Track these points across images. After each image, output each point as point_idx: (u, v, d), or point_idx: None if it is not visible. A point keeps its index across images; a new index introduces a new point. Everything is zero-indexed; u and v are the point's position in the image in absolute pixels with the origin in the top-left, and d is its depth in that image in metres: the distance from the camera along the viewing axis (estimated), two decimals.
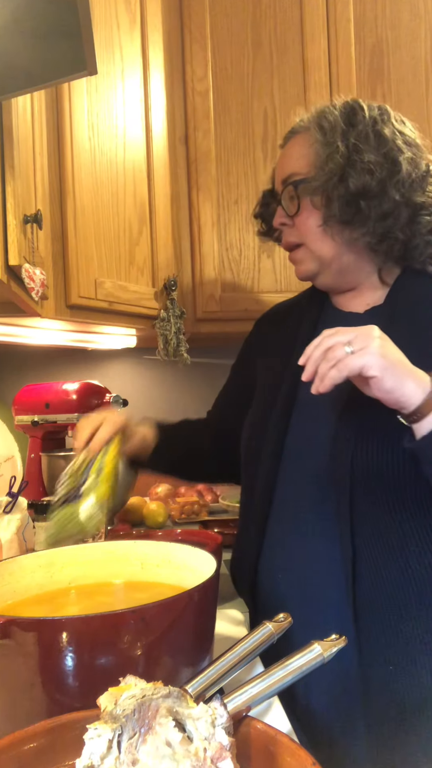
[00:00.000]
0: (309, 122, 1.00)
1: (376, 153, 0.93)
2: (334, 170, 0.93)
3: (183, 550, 0.82)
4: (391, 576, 0.85)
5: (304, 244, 1.00)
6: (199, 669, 0.60)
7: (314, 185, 0.95)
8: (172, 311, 1.57)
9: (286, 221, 1.02)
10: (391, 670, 0.84)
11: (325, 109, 0.99)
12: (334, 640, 0.55)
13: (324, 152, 0.95)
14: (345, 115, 0.97)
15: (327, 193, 0.94)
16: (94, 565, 0.85)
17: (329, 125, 0.96)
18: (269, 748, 0.48)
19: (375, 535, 0.86)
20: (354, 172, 0.92)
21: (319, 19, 1.72)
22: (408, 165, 0.94)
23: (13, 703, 0.60)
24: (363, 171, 0.92)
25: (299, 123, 1.03)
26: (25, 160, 1.02)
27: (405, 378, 0.76)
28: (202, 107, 1.71)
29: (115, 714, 0.45)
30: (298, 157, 1.00)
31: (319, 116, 0.99)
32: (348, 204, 0.93)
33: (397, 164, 0.93)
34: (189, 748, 0.44)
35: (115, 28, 1.44)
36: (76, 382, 1.56)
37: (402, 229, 0.94)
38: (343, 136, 0.95)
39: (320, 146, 0.96)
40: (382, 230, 0.94)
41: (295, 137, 1.03)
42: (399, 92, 1.73)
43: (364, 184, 0.92)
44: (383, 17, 1.73)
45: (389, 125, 0.96)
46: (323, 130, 0.97)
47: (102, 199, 1.38)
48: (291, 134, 1.05)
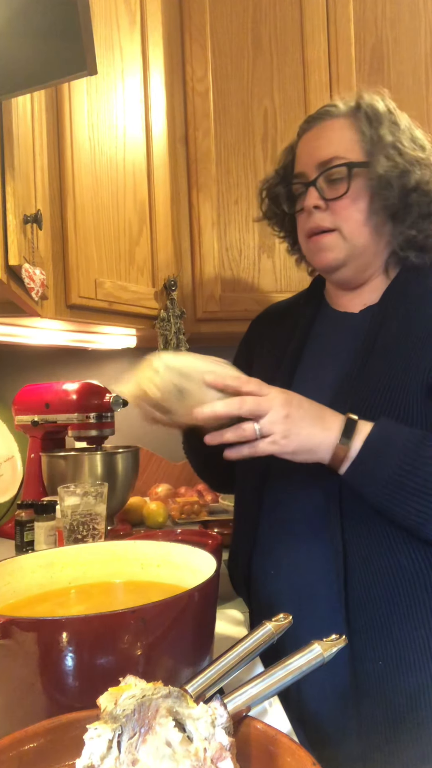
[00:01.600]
0: (349, 109, 0.99)
1: (422, 152, 0.96)
2: (399, 162, 0.94)
3: (183, 550, 0.82)
4: (381, 573, 0.85)
5: (339, 229, 0.97)
6: (199, 669, 0.60)
7: (376, 172, 0.94)
8: (172, 311, 1.57)
9: (321, 204, 0.97)
10: (381, 666, 0.85)
11: (369, 98, 0.99)
12: (334, 640, 0.55)
13: (382, 141, 0.95)
14: (387, 110, 0.98)
15: (390, 182, 0.94)
16: (94, 565, 0.85)
17: (376, 115, 0.97)
18: (269, 748, 0.48)
19: (364, 532, 0.86)
20: (414, 168, 0.94)
21: (319, 19, 1.72)
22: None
23: (13, 703, 0.60)
24: (418, 167, 0.94)
25: (335, 108, 1.00)
26: (25, 160, 1.02)
27: (311, 453, 0.81)
28: (202, 107, 1.71)
29: (115, 714, 0.45)
30: (341, 140, 0.97)
31: (365, 105, 0.98)
32: (404, 196, 0.94)
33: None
34: (189, 748, 0.44)
35: (115, 28, 1.44)
36: (76, 382, 1.56)
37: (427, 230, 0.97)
38: (392, 129, 0.96)
39: (375, 134, 0.95)
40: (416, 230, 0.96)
41: (332, 121, 0.99)
42: (399, 92, 1.73)
43: (421, 181, 0.94)
44: (383, 17, 1.73)
45: (417, 129, 1.00)
46: (370, 120, 0.97)
47: (102, 199, 1.38)
48: (325, 117, 1.01)
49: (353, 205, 0.96)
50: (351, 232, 0.97)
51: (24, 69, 0.78)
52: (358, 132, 0.97)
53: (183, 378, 0.80)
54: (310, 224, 0.99)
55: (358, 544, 0.86)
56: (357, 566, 0.86)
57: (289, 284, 1.71)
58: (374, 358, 0.91)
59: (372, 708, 0.85)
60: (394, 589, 0.85)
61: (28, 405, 1.59)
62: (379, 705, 0.84)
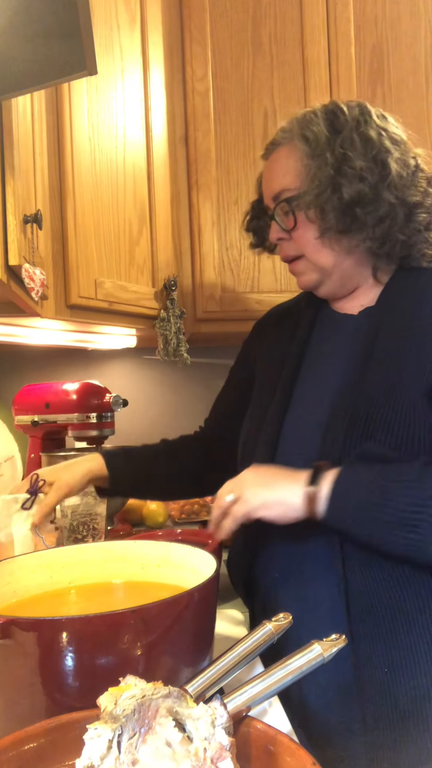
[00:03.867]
0: (292, 133, 0.99)
1: (364, 158, 0.93)
2: (326, 182, 0.93)
3: (183, 550, 0.82)
4: (382, 578, 0.85)
5: (303, 255, 1.00)
6: (199, 669, 0.60)
7: (307, 199, 0.95)
8: (172, 311, 1.57)
9: (283, 236, 1.01)
10: (386, 673, 0.84)
11: (307, 116, 0.98)
12: (334, 640, 0.55)
13: (313, 165, 0.94)
14: (328, 121, 0.96)
15: (321, 205, 0.94)
16: (94, 565, 0.85)
17: (313, 135, 0.95)
18: (269, 748, 0.48)
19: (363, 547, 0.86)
20: (346, 181, 0.92)
21: (319, 19, 1.72)
22: (397, 165, 0.93)
23: (13, 703, 0.60)
24: (354, 178, 0.92)
25: (281, 134, 1.01)
26: (25, 160, 1.02)
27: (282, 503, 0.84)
28: (202, 107, 1.71)
29: (115, 714, 0.45)
30: (285, 171, 0.99)
31: (302, 126, 0.97)
32: (344, 213, 0.93)
33: (387, 166, 0.93)
34: (189, 748, 0.44)
35: (115, 28, 1.44)
36: (76, 382, 1.56)
37: (401, 230, 0.94)
38: (329, 144, 0.94)
39: (308, 158, 0.95)
40: (382, 234, 0.94)
41: (279, 149, 1.01)
42: (399, 92, 1.73)
43: (357, 192, 0.92)
44: (383, 17, 1.73)
45: (372, 125, 0.95)
46: (308, 141, 0.96)
47: (102, 199, 1.38)
48: (273, 146, 1.03)
49: (306, 234, 0.98)
50: (313, 256, 0.99)
51: (24, 69, 0.78)
52: (297, 159, 0.97)
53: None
54: (281, 254, 1.05)
55: (359, 548, 0.86)
56: (358, 571, 0.86)
57: (290, 284, 1.71)
58: (374, 362, 0.91)
59: (376, 711, 0.84)
60: (398, 596, 0.85)
61: (28, 405, 1.59)
62: (384, 708, 0.84)
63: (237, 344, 1.24)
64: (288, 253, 1.02)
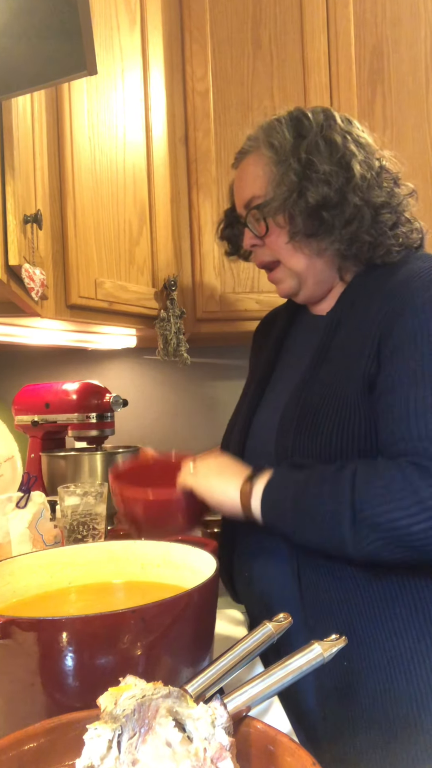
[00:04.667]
0: (258, 141, 1.01)
1: (329, 162, 0.94)
2: (292, 187, 0.94)
3: (183, 550, 0.82)
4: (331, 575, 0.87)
5: (280, 260, 1.02)
6: (199, 669, 0.60)
7: (275, 205, 0.96)
8: (172, 311, 1.57)
9: (257, 242, 1.03)
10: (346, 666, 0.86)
11: (272, 123, 1.00)
12: (334, 640, 0.55)
13: (278, 171, 0.96)
14: (292, 127, 0.97)
15: (288, 210, 0.96)
16: (94, 565, 0.85)
17: (278, 142, 0.97)
18: (269, 748, 0.48)
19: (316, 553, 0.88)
20: (311, 185, 0.93)
21: (319, 19, 1.72)
22: (362, 167, 0.95)
23: (13, 703, 0.60)
24: (320, 182, 0.93)
25: (248, 142, 1.03)
26: (25, 160, 1.02)
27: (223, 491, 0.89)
28: (202, 107, 1.71)
29: (115, 714, 0.45)
30: (253, 178, 1.01)
31: (267, 133, 0.99)
32: (310, 217, 0.95)
33: (352, 169, 0.94)
34: (189, 748, 0.44)
35: (115, 28, 1.44)
36: (76, 382, 1.56)
37: (368, 231, 0.95)
38: (293, 150, 0.96)
39: (274, 165, 0.97)
40: (350, 235, 0.95)
41: (247, 158, 1.03)
42: (399, 92, 1.73)
43: (323, 196, 0.93)
44: (383, 17, 1.73)
45: (336, 129, 0.97)
46: (273, 148, 0.97)
47: (102, 199, 1.38)
48: (242, 155, 1.05)
49: (278, 239, 1.00)
50: (287, 261, 1.01)
51: (24, 69, 0.78)
52: (264, 166, 0.99)
53: None
54: (257, 261, 1.06)
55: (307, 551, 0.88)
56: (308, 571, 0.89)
57: None
58: (327, 361, 0.93)
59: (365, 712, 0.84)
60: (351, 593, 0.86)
61: (28, 405, 1.59)
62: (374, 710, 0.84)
63: (237, 344, 1.25)
64: (263, 259, 1.04)
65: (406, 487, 0.75)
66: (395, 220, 0.97)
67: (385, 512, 0.75)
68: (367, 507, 0.76)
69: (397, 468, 0.78)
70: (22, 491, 1.09)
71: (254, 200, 1.01)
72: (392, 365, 0.84)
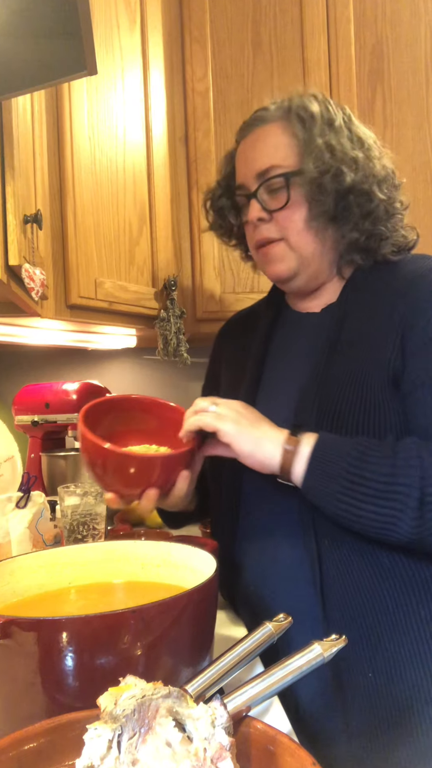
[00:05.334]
0: (282, 111, 0.98)
1: (360, 150, 0.95)
2: (328, 163, 0.92)
3: (183, 550, 0.82)
4: (362, 577, 0.84)
5: (285, 239, 0.97)
6: (199, 669, 0.60)
7: (309, 177, 0.93)
8: (172, 311, 1.57)
9: (265, 216, 0.97)
10: (371, 678, 0.83)
11: (300, 100, 0.98)
12: (334, 640, 0.55)
13: (310, 144, 0.94)
14: (323, 107, 0.97)
15: (323, 185, 0.93)
16: (94, 565, 0.85)
17: (310, 117, 0.95)
18: (269, 748, 0.48)
19: (340, 533, 0.84)
20: (345, 167, 0.93)
21: (319, 19, 1.72)
22: (380, 165, 0.96)
23: (13, 703, 0.60)
24: (352, 166, 0.93)
25: (267, 112, 0.99)
26: (25, 160, 1.02)
27: (259, 440, 0.80)
28: (202, 107, 1.71)
29: (115, 714, 0.45)
30: (274, 147, 0.96)
31: (298, 107, 0.97)
32: (341, 199, 0.94)
33: (374, 163, 0.95)
34: (189, 748, 0.44)
35: (115, 28, 1.44)
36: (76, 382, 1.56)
37: (384, 225, 0.96)
38: (327, 128, 0.95)
39: (305, 137, 0.94)
40: (370, 227, 0.95)
41: (265, 126, 0.98)
42: (399, 92, 1.73)
43: (357, 181, 0.93)
44: (383, 17, 1.73)
45: (358, 126, 0.98)
46: (304, 122, 0.95)
47: (102, 199, 1.38)
48: (258, 123, 0.99)
49: (294, 214, 0.95)
50: (296, 241, 0.96)
51: (24, 69, 0.78)
52: (292, 136, 0.96)
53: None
54: (257, 236, 0.99)
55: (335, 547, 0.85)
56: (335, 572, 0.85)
57: None
58: (338, 355, 0.91)
59: (360, 714, 0.83)
60: (378, 594, 0.83)
61: (28, 405, 1.59)
62: (369, 712, 0.83)
63: None
64: (267, 235, 0.97)
65: None
66: (402, 219, 0.99)
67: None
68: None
69: None
70: (22, 491, 1.09)
71: (275, 169, 0.95)
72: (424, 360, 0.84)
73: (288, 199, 0.95)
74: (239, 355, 1.09)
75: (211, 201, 1.10)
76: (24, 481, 1.11)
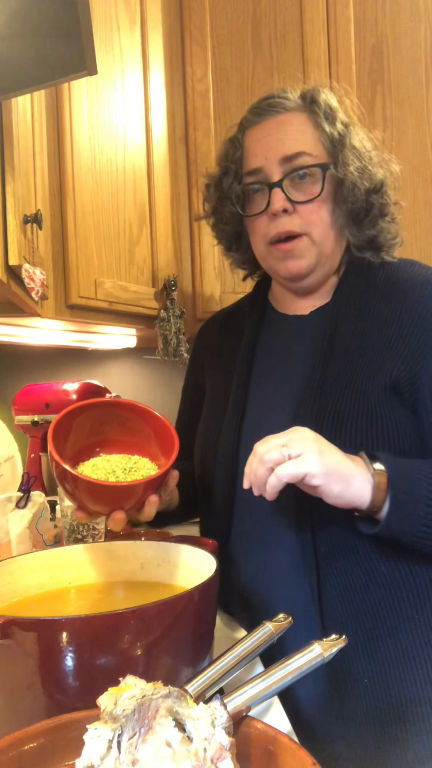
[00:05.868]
0: (303, 102, 0.94)
1: (374, 151, 0.95)
2: (361, 164, 0.91)
3: (183, 550, 0.82)
4: (359, 583, 0.83)
5: (308, 234, 0.91)
6: (199, 669, 0.60)
7: (343, 173, 0.90)
8: (172, 311, 1.57)
9: (289, 207, 0.90)
10: (366, 683, 0.82)
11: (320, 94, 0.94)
12: (334, 640, 0.55)
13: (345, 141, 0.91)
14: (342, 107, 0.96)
15: (355, 184, 0.91)
16: (94, 565, 0.85)
17: (332, 112, 0.93)
18: (269, 748, 0.48)
19: (337, 541, 0.83)
20: (375, 168, 0.93)
21: (319, 19, 1.72)
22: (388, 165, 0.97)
23: (13, 703, 0.60)
24: (380, 166, 0.94)
25: (287, 100, 0.94)
26: (25, 160, 1.02)
27: (350, 478, 0.73)
28: (202, 107, 1.71)
29: (115, 714, 0.45)
30: (304, 134, 0.91)
31: (318, 100, 0.93)
32: (365, 198, 0.93)
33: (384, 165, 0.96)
34: (189, 748, 0.44)
35: (115, 28, 1.44)
36: (76, 382, 1.56)
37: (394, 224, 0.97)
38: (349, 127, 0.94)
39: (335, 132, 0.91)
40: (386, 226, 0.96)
41: (289, 114, 0.93)
42: (399, 92, 1.73)
43: (380, 182, 0.93)
44: (383, 17, 1.73)
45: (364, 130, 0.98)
46: (327, 117, 0.92)
47: (102, 199, 1.38)
48: (278, 109, 0.94)
49: (321, 209, 0.91)
50: (320, 236, 0.92)
51: (24, 69, 0.78)
52: (318, 128, 0.91)
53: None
54: (278, 229, 0.91)
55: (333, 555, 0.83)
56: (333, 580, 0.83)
57: None
58: (334, 361, 0.89)
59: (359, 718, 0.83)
60: (375, 602, 0.83)
61: (28, 405, 1.58)
62: (366, 716, 0.83)
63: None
64: (290, 228, 0.90)
65: None
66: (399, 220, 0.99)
67: None
68: None
69: None
70: (22, 491, 1.09)
71: (303, 156, 0.89)
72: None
73: (321, 191, 0.89)
74: (223, 359, 1.05)
75: (215, 186, 1.01)
76: (24, 481, 1.11)
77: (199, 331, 1.18)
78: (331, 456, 0.73)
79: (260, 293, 1.08)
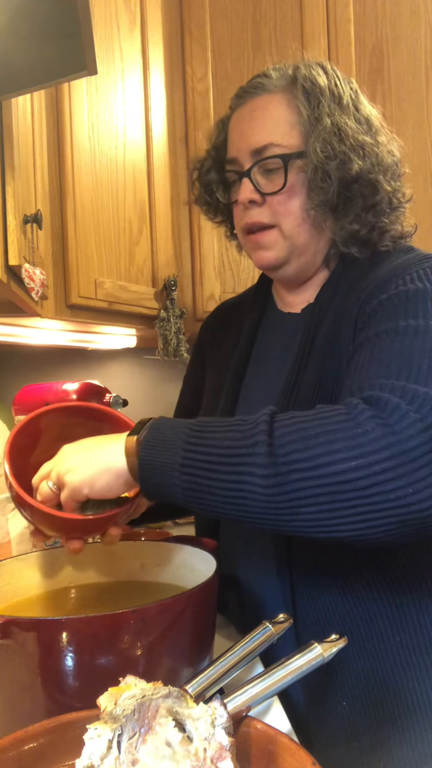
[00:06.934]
0: (284, 81, 0.88)
1: (368, 134, 0.87)
2: (338, 149, 0.83)
3: (183, 550, 0.82)
4: (336, 604, 0.81)
5: (278, 225, 0.88)
6: (199, 669, 0.60)
7: (313, 162, 0.84)
8: (172, 311, 1.57)
9: (257, 198, 0.87)
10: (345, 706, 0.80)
11: (306, 70, 0.88)
12: (334, 640, 0.55)
13: (320, 125, 0.84)
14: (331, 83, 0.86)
15: (327, 173, 0.84)
16: (94, 565, 0.85)
17: (317, 91, 0.85)
18: (269, 748, 0.48)
19: (314, 561, 0.81)
20: (354, 154, 0.84)
21: (319, 19, 1.72)
22: (386, 151, 0.88)
23: (13, 703, 0.60)
24: (362, 154, 0.85)
25: (268, 80, 0.89)
26: (25, 160, 1.02)
27: (107, 473, 0.68)
28: (202, 107, 1.71)
29: (115, 714, 0.45)
30: (274, 122, 0.87)
31: (302, 78, 0.87)
32: (344, 189, 0.85)
33: (381, 150, 0.87)
34: (189, 748, 0.44)
35: (115, 28, 1.44)
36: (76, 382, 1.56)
37: (388, 217, 0.88)
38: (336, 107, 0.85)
39: (313, 115, 0.85)
40: (373, 219, 0.87)
41: (266, 96, 0.88)
42: (399, 92, 1.73)
43: (364, 170, 0.84)
44: (383, 17, 1.73)
45: (365, 105, 0.89)
46: (309, 96, 0.85)
47: (102, 199, 1.37)
48: (257, 91, 0.90)
49: (291, 200, 0.87)
50: (291, 229, 0.88)
51: (24, 69, 0.78)
52: (295, 112, 0.86)
53: None
54: (246, 219, 0.89)
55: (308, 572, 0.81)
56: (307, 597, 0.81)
57: None
58: (312, 359, 0.86)
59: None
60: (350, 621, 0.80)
61: (28, 405, 1.58)
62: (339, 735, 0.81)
63: None
64: (259, 219, 0.88)
65: (345, 419, 0.62)
66: (403, 212, 0.92)
67: (308, 447, 0.61)
68: (287, 441, 0.62)
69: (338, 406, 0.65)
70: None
71: (272, 148, 0.86)
72: (373, 325, 0.76)
73: (285, 184, 0.86)
74: (223, 352, 1.04)
75: (199, 173, 1.00)
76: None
77: (206, 321, 1.17)
78: (81, 464, 0.69)
79: (262, 288, 1.06)
